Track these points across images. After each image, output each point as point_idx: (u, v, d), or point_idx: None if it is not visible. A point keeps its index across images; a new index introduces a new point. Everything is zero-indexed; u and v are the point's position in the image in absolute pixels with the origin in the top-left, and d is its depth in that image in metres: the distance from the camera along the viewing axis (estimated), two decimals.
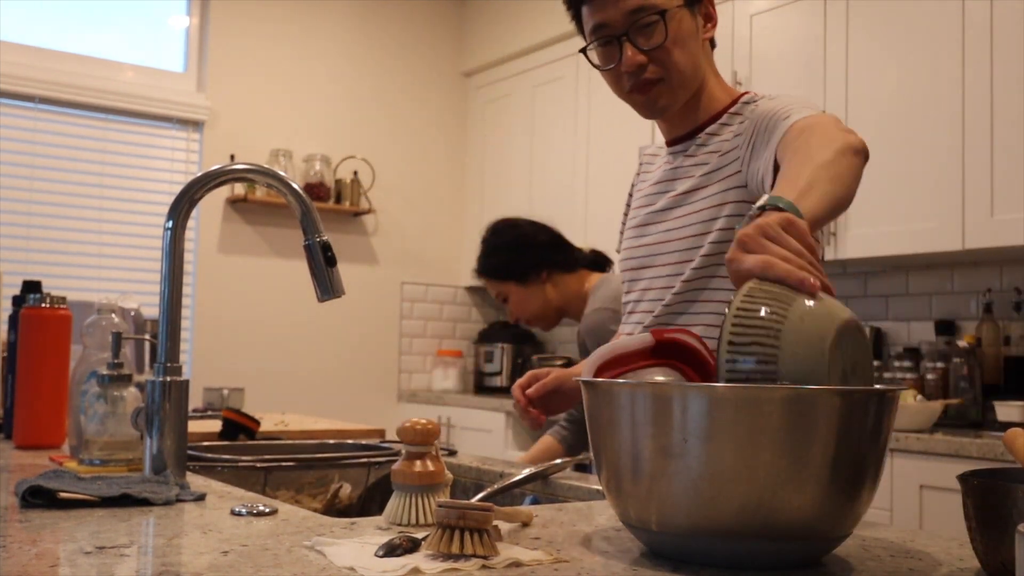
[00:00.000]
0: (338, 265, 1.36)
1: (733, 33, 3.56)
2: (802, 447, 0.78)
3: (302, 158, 4.60)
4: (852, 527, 0.85)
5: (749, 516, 0.78)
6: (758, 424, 0.77)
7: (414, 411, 4.62)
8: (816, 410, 0.79)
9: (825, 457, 0.78)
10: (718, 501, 0.78)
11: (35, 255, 4.05)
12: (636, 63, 1.43)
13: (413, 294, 4.99)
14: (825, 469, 0.78)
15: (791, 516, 0.79)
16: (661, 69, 1.44)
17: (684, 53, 1.45)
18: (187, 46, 4.49)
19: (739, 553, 0.81)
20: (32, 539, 0.92)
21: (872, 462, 0.82)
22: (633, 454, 0.83)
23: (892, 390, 0.84)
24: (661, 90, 1.46)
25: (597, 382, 0.89)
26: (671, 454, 0.80)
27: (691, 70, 1.46)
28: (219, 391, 3.34)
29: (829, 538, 0.84)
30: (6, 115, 4.02)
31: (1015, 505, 0.77)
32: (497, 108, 4.88)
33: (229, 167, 1.35)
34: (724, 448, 0.78)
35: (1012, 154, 2.71)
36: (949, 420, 2.89)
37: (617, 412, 0.84)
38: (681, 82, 1.46)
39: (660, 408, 0.81)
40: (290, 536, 0.93)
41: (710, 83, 1.52)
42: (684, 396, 0.81)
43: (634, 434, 0.83)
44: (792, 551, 0.82)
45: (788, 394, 0.80)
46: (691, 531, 0.81)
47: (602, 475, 0.89)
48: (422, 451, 1.04)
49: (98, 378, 1.41)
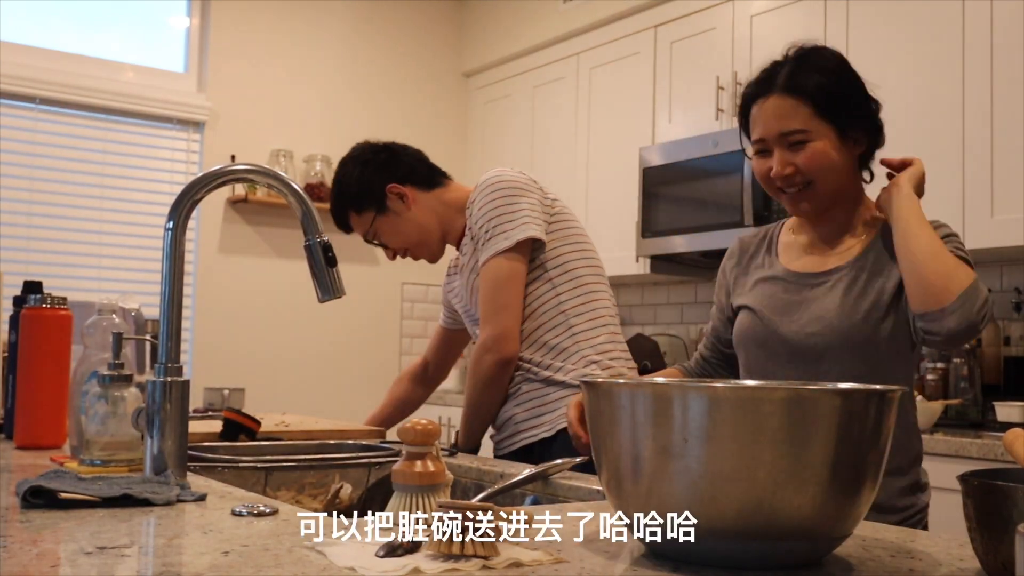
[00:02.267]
0: (338, 265, 1.36)
1: (733, 33, 3.56)
2: (802, 447, 0.78)
3: (302, 158, 4.61)
4: (852, 527, 0.85)
5: (749, 516, 0.78)
6: (758, 424, 0.78)
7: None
8: (816, 410, 0.79)
9: (825, 457, 0.79)
10: (718, 501, 0.79)
11: (36, 255, 4.05)
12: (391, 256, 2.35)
13: (413, 294, 4.99)
14: (825, 469, 0.79)
15: (791, 516, 0.79)
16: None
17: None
18: (187, 46, 4.49)
19: (739, 553, 0.81)
20: (33, 539, 0.92)
21: (872, 462, 0.82)
22: (633, 454, 0.83)
23: (892, 390, 0.84)
24: (414, 255, 2.29)
25: (598, 382, 0.89)
26: (671, 454, 0.80)
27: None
28: (220, 391, 3.34)
29: (829, 538, 0.84)
30: (6, 116, 4.02)
31: (1015, 505, 0.77)
32: (497, 108, 4.88)
33: (230, 168, 1.35)
34: (724, 448, 0.78)
35: (1012, 154, 2.71)
36: (949, 420, 2.88)
37: (618, 412, 0.85)
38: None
39: (660, 408, 0.81)
40: (291, 536, 0.93)
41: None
42: (684, 396, 0.81)
43: (634, 434, 0.83)
44: (792, 551, 0.82)
45: (788, 394, 0.80)
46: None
47: (603, 474, 0.89)
48: (422, 451, 1.05)
49: (99, 378, 1.41)
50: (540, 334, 2.02)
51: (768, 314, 1.62)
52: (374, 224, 2.21)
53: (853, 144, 1.58)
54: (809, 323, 1.56)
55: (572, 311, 2.03)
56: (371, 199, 2.18)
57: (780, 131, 1.54)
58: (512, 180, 2.04)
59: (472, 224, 2.06)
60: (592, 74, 4.23)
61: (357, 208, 2.22)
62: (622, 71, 4.07)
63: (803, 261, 1.65)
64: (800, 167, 1.54)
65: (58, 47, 4.17)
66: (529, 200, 2.02)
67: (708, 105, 3.63)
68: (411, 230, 2.20)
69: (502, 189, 2.02)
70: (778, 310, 1.61)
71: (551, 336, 2.02)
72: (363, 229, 2.25)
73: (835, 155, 1.54)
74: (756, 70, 1.70)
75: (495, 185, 2.03)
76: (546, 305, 2.02)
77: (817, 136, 1.53)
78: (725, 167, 3.40)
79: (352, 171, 2.21)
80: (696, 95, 3.70)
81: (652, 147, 3.79)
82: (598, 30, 4.17)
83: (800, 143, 1.54)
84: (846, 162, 1.57)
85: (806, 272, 1.62)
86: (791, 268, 1.65)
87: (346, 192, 2.22)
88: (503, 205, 2.01)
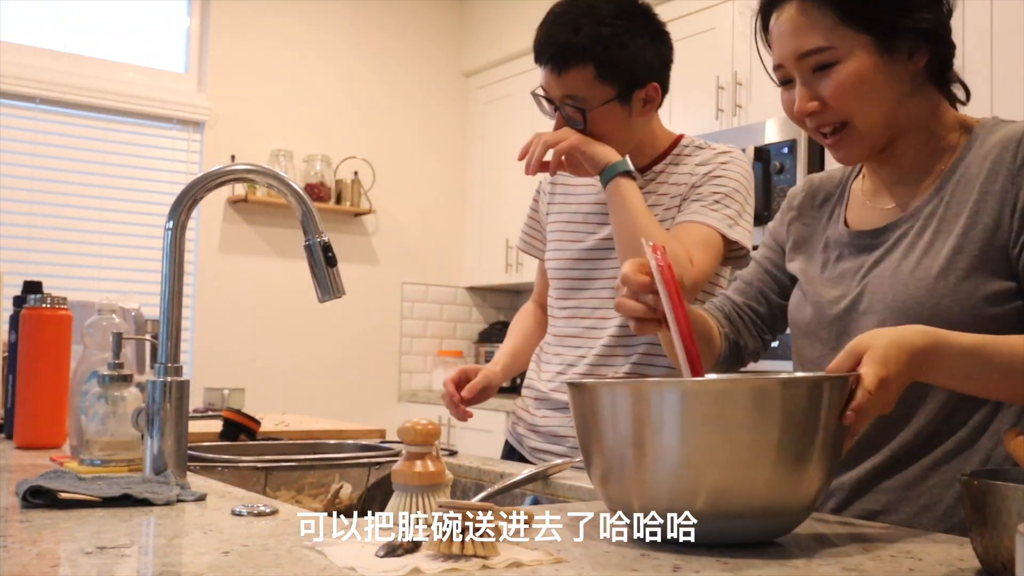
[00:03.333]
0: (338, 265, 1.36)
1: (733, 33, 3.56)
2: (751, 434, 0.86)
3: (302, 158, 4.61)
4: (806, 507, 0.92)
5: (715, 498, 0.87)
6: (713, 414, 0.87)
7: (414, 411, 4.62)
8: (763, 400, 0.87)
9: (773, 442, 0.87)
10: (688, 485, 0.88)
11: (36, 255, 4.05)
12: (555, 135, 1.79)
13: (413, 294, 4.99)
14: (773, 453, 0.87)
15: (747, 497, 0.88)
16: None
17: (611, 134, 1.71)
18: (188, 46, 4.49)
19: (711, 533, 0.89)
20: (33, 539, 0.92)
21: (817, 445, 0.89)
22: (616, 447, 0.91)
23: (828, 378, 0.91)
24: (567, 164, 1.74)
25: (583, 384, 0.96)
26: (648, 444, 0.89)
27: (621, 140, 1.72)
28: (220, 391, 3.33)
29: (785, 515, 0.92)
30: (7, 116, 4.03)
31: (1016, 505, 0.77)
32: (497, 108, 4.88)
33: (230, 167, 1.35)
34: (685, 438, 0.88)
35: None
36: None
37: (601, 410, 0.93)
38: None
39: (638, 403, 0.90)
40: (291, 536, 0.93)
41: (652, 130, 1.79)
42: (649, 393, 0.91)
43: (615, 428, 0.91)
44: (752, 528, 0.91)
45: (726, 387, 0.91)
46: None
47: (592, 469, 0.95)
48: (423, 451, 1.05)
49: (99, 378, 1.41)
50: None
51: (819, 297, 1.26)
52: (598, 101, 1.68)
53: (908, 59, 1.16)
54: (865, 303, 1.20)
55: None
56: (628, 75, 1.67)
57: (797, 52, 1.16)
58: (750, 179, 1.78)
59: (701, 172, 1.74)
60: None
61: (604, 71, 1.66)
62: None
63: (864, 214, 1.27)
64: (828, 100, 1.16)
65: (58, 47, 4.17)
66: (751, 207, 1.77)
67: (708, 105, 3.63)
68: (617, 140, 1.71)
69: (750, 184, 1.76)
70: (830, 287, 1.26)
71: None
72: (578, 92, 1.69)
73: (876, 77, 1.14)
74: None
75: (747, 172, 1.76)
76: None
77: (847, 54, 1.14)
78: None
79: (638, 34, 1.69)
80: (696, 95, 3.70)
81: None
82: None
83: (826, 65, 1.15)
84: (897, 85, 1.16)
85: (864, 230, 1.25)
86: (852, 226, 1.28)
87: (611, 43, 1.66)
88: (749, 197, 1.74)
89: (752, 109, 3.46)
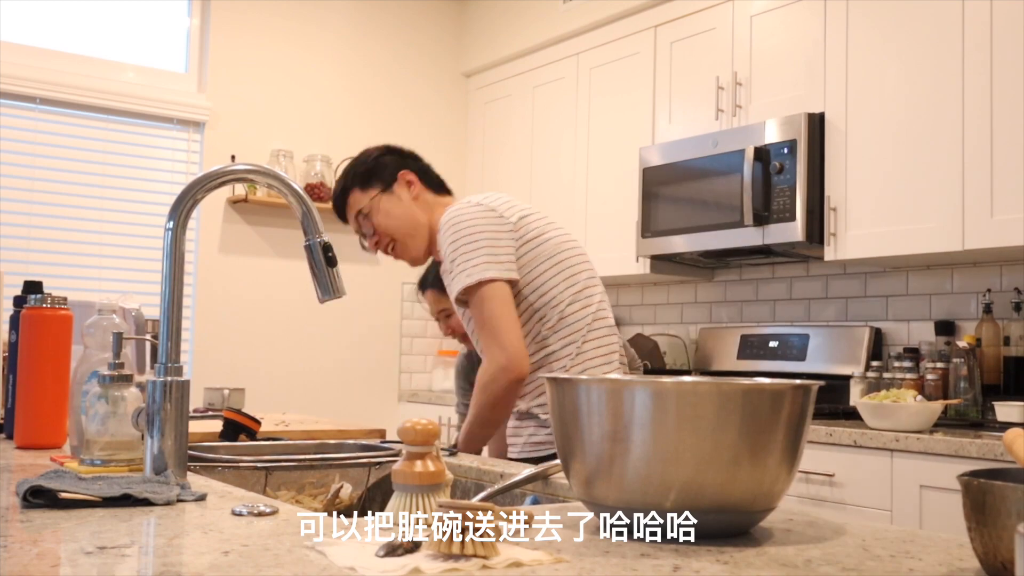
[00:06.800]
0: (339, 265, 1.37)
1: (733, 33, 3.56)
2: (718, 433, 0.92)
3: (303, 158, 4.61)
4: (771, 502, 0.98)
5: (685, 493, 0.93)
6: (685, 414, 0.93)
7: (414, 411, 4.62)
8: (729, 402, 0.93)
9: (737, 441, 0.93)
10: (662, 480, 0.93)
11: (36, 255, 4.05)
12: (373, 245, 2.26)
13: (413, 294, 4.98)
14: (739, 451, 0.93)
15: (715, 492, 0.93)
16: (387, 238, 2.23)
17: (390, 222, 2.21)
18: (188, 46, 4.49)
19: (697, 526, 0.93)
20: (33, 539, 0.92)
21: (779, 445, 0.95)
22: (593, 442, 0.96)
23: (789, 385, 0.96)
24: (397, 250, 2.25)
25: (562, 378, 1.01)
26: (621, 440, 0.94)
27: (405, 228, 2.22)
28: (220, 391, 3.33)
29: (751, 511, 0.97)
30: (7, 115, 4.03)
31: (1015, 505, 0.77)
32: (497, 108, 4.88)
33: (230, 168, 1.35)
34: (660, 435, 0.93)
35: (1012, 154, 2.71)
36: (949, 420, 2.89)
37: (578, 405, 0.98)
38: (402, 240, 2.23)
39: (613, 399, 0.96)
40: (291, 536, 0.94)
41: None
42: (632, 390, 0.96)
43: (590, 423, 0.97)
44: (722, 522, 0.95)
45: (710, 388, 0.97)
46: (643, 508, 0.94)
47: (570, 463, 1.01)
48: (423, 451, 1.05)
49: (99, 378, 1.41)
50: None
51: None
52: (373, 201, 2.20)
53: None
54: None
55: (548, 340, 2.05)
56: (381, 177, 2.21)
57: None
58: (468, 220, 2.03)
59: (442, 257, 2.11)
60: (592, 74, 4.23)
61: (364, 183, 2.22)
62: (622, 71, 4.07)
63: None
64: None
65: (58, 47, 4.17)
66: (488, 238, 2.01)
67: (708, 105, 3.63)
68: (405, 219, 2.20)
69: (460, 230, 2.03)
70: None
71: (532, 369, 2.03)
72: (360, 206, 2.22)
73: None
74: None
75: (451, 225, 2.05)
76: (528, 335, 2.05)
77: None
78: (725, 167, 3.40)
79: (371, 152, 2.28)
80: (696, 95, 3.70)
81: (652, 147, 3.79)
82: (598, 30, 4.17)
83: None
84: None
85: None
86: None
87: (358, 167, 2.25)
88: (463, 247, 2.02)
89: (752, 109, 3.46)
